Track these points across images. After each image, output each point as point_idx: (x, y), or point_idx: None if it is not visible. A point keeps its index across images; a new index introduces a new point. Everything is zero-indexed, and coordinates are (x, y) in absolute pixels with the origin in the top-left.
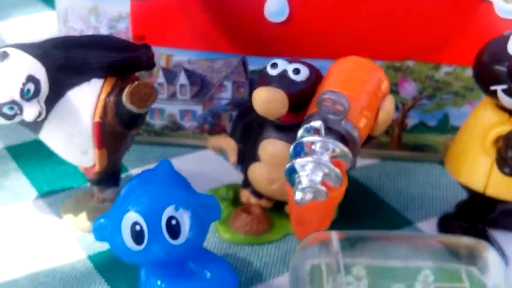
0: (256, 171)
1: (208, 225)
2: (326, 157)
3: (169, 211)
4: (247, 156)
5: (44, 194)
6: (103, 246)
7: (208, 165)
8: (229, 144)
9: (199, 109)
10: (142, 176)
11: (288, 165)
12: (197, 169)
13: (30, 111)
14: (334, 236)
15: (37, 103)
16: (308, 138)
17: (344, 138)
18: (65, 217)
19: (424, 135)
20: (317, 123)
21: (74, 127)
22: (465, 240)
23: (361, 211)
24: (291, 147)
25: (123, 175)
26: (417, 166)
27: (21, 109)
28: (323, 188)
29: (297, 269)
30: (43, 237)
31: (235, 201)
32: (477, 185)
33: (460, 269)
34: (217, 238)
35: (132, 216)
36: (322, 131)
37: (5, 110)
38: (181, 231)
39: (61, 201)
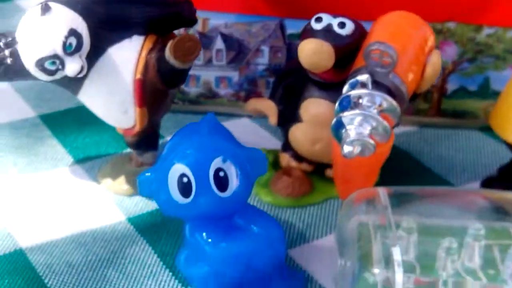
0: (298, 132)
1: (254, 179)
2: (374, 111)
3: (216, 162)
4: (288, 118)
5: (80, 160)
6: (142, 208)
7: (244, 132)
8: (269, 106)
9: (235, 76)
10: (186, 130)
11: (334, 120)
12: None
13: (72, 66)
14: (382, 191)
15: (79, 58)
16: (355, 92)
17: (391, 93)
18: (103, 182)
19: (464, 100)
20: (364, 77)
21: (115, 84)
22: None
23: (402, 175)
24: (337, 102)
25: (160, 142)
26: (457, 133)
27: (63, 64)
28: (371, 141)
29: (343, 227)
30: (82, 201)
31: (275, 166)
32: None
33: (509, 228)
34: (257, 201)
35: (179, 168)
36: (369, 85)
37: (47, 65)
38: (228, 183)
39: (97, 167)
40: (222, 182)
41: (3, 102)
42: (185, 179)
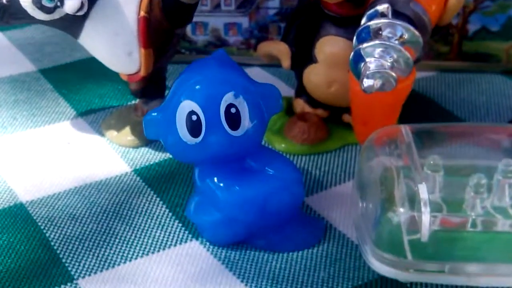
0: (312, 74)
1: (268, 117)
2: (395, 42)
3: (228, 97)
4: (302, 60)
5: (83, 113)
6: (149, 159)
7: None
8: (282, 49)
9: (244, 22)
10: (195, 65)
11: (352, 53)
12: None
13: (71, 2)
14: (404, 128)
15: None
16: (374, 22)
17: (413, 23)
18: (107, 134)
19: (486, 42)
20: (383, 7)
21: (118, 24)
22: None
23: (423, 120)
24: (355, 34)
25: (166, 91)
26: (479, 77)
27: (61, 0)
28: (393, 74)
29: (364, 169)
30: (85, 154)
31: (289, 113)
32: None
33: None
34: None
35: (187, 105)
36: (389, 15)
37: (45, 2)
38: (241, 121)
39: (101, 119)
40: (234, 119)
41: (3, 57)
42: (194, 117)
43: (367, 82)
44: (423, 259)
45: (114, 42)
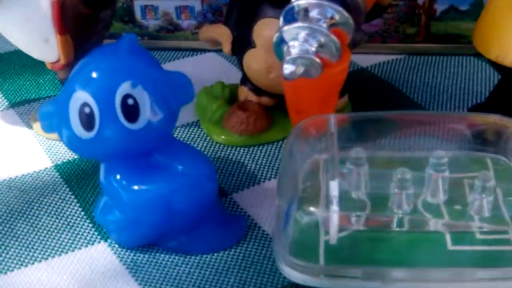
0: (252, 60)
1: (177, 109)
2: (324, 25)
3: (124, 88)
4: (242, 44)
5: (15, 104)
6: (73, 154)
7: (209, 68)
8: (223, 33)
9: (197, 5)
10: (96, 52)
11: (276, 35)
12: (196, 72)
13: None
14: (333, 118)
15: None
16: (301, 1)
17: (345, 3)
18: (34, 126)
19: (456, 22)
20: None
21: (29, 9)
22: (491, 118)
23: (381, 107)
24: (282, 14)
25: None
26: (448, 60)
27: None
28: (317, 60)
29: (285, 162)
30: (8, 147)
31: (233, 101)
32: (508, 59)
33: (485, 157)
34: (208, 142)
35: (80, 96)
36: None
37: None
38: (140, 112)
39: (34, 111)
40: (131, 111)
41: None
42: (87, 109)
43: (287, 68)
44: (340, 264)
45: (28, 29)
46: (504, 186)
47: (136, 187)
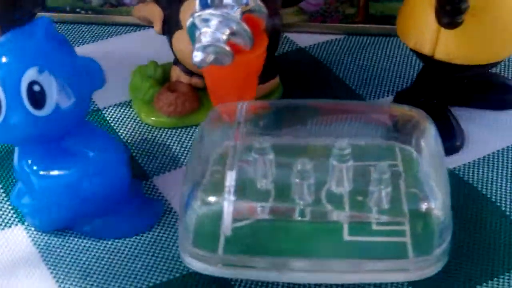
0: (179, 40)
1: (88, 95)
2: (237, 12)
3: (30, 74)
4: (171, 24)
5: None
6: None
7: (150, 45)
8: (154, 12)
9: None
10: (8, 36)
11: (189, 21)
12: (135, 48)
13: None
14: (242, 106)
15: None
16: None
17: None
18: None
19: (393, 4)
20: None
21: None
22: (402, 109)
23: (308, 90)
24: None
25: None
26: (387, 41)
27: None
28: (227, 48)
29: (194, 149)
30: None
31: (166, 82)
32: (426, 48)
33: (394, 146)
34: (137, 123)
35: None
36: None
37: None
38: (46, 99)
39: None
40: (37, 97)
41: None
42: None
43: (197, 56)
44: (240, 253)
45: None
46: (408, 178)
47: (45, 173)
